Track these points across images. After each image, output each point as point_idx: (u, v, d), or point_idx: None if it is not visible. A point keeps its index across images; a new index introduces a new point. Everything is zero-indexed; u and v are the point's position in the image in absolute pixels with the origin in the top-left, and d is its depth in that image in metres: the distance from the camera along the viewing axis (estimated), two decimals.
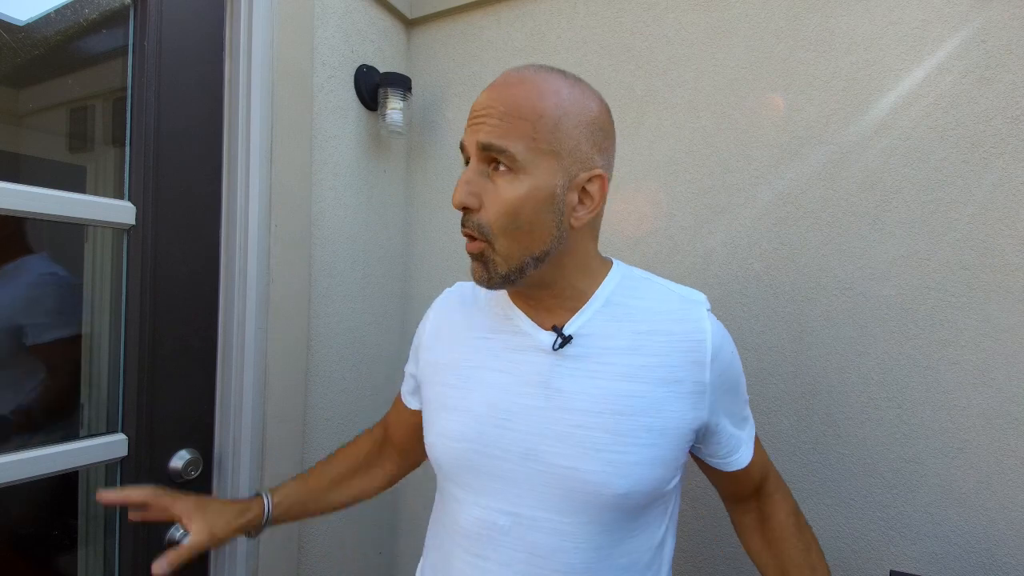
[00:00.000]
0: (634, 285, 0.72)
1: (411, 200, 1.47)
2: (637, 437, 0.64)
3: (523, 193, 0.62)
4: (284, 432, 1.12)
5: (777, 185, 1.04)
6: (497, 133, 0.62)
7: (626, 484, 0.63)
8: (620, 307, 0.70)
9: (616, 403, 0.65)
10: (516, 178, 0.63)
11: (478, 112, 0.65)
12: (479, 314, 0.76)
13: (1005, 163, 0.89)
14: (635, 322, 0.68)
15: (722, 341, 0.69)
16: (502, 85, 0.65)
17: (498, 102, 0.63)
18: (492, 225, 0.63)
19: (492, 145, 0.62)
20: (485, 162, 0.64)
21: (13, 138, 0.89)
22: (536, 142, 0.62)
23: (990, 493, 0.89)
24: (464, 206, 0.64)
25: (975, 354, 0.90)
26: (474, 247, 0.65)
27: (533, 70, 0.66)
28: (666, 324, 0.68)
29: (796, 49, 1.03)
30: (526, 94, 0.63)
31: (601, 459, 0.64)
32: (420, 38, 1.46)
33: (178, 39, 0.97)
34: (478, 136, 0.63)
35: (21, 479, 0.81)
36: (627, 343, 0.67)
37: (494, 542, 0.66)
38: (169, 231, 0.97)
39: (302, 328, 1.15)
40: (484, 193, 0.64)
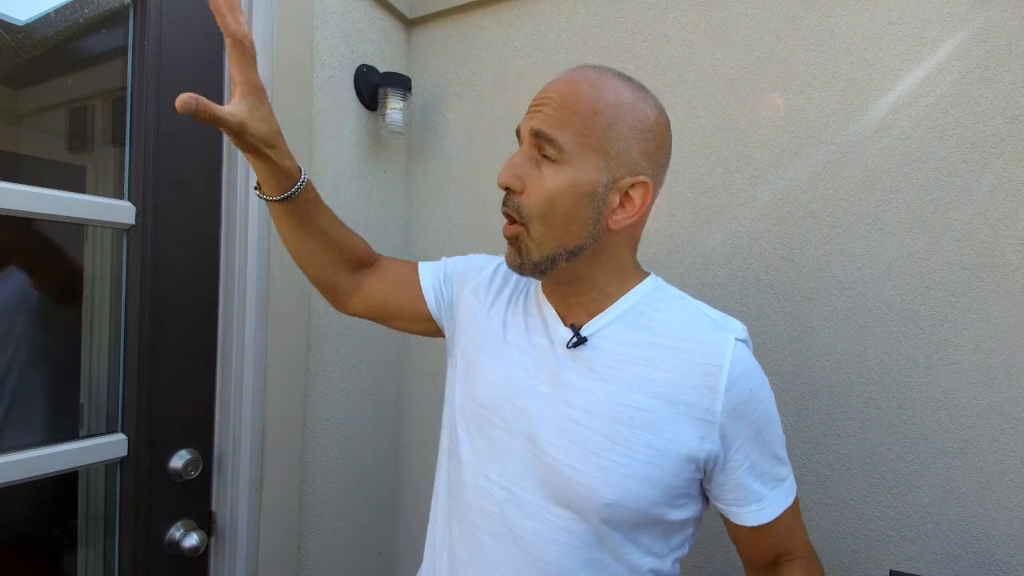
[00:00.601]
0: (665, 299, 0.71)
1: (411, 200, 1.47)
2: (633, 450, 0.63)
3: (564, 184, 0.64)
4: (284, 432, 1.12)
5: (777, 185, 1.04)
6: (550, 122, 0.64)
7: (613, 494, 0.62)
8: (643, 317, 0.69)
9: (618, 411, 0.64)
10: (560, 168, 0.64)
11: (537, 101, 0.67)
12: (513, 290, 0.80)
13: (1005, 163, 0.89)
14: (655, 335, 0.67)
15: (744, 372, 0.65)
16: (566, 80, 0.68)
17: (557, 94, 0.66)
18: (530, 209, 0.65)
19: (542, 132, 0.64)
20: (535, 148, 0.66)
21: (13, 138, 0.89)
22: (586, 137, 0.64)
23: (990, 493, 0.89)
24: (507, 186, 0.66)
25: (975, 354, 0.90)
26: (511, 230, 0.67)
27: (600, 70, 0.69)
28: (686, 343, 0.66)
29: (796, 49, 1.03)
30: (586, 90, 0.66)
31: (591, 462, 0.63)
32: (420, 38, 1.46)
33: (178, 39, 0.96)
34: (532, 122, 0.66)
35: (21, 479, 0.81)
36: (641, 354, 0.66)
37: (488, 513, 0.69)
38: (169, 231, 0.96)
39: (302, 328, 1.15)
40: (528, 177, 0.65)
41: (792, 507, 0.69)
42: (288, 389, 1.12)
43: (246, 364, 1.05)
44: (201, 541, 0.99)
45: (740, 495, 0.67)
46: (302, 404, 1.16)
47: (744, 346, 0.67)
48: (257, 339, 1.06)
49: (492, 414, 0.71)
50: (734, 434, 0.64)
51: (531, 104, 0.68)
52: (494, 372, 0.73)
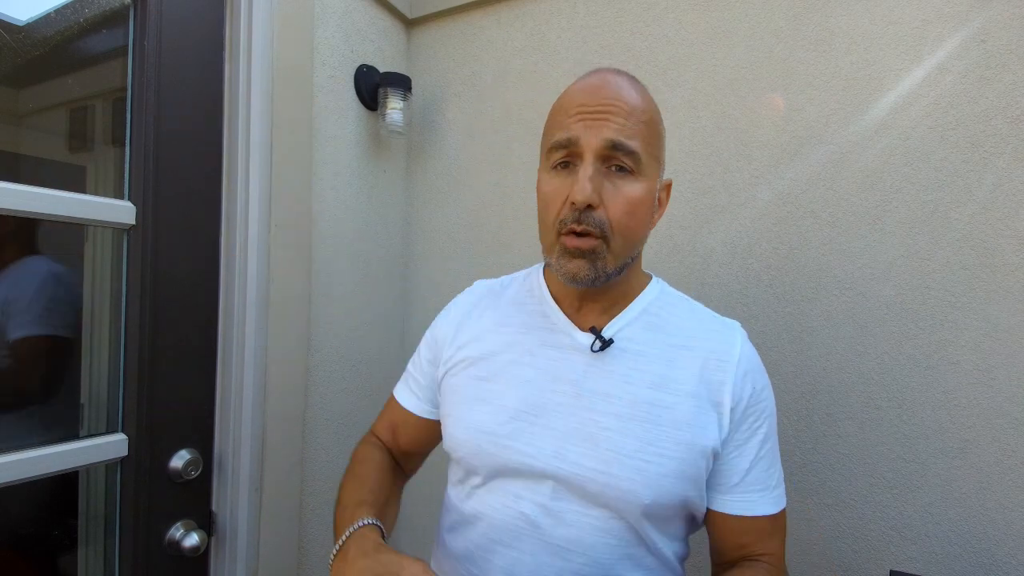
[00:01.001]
0: (671, 301, 0.74)
1: (411, 200, 1.47)
2: (665, 448, 0.64)
3: (640, 195, 0.64)
4: (284, 432, 1.12)
5: (777, 185, 1.04)
6: (626, 133, 0.63)
7: (651, 494, 0.63)
8: (656, 318, 0.71)
9: (645, 411, 0.65)
10: (635, 179, 0.64)
11: (594, 108, 0.63)
12: (512, 310, 0.77)
13: (1005, 163, 0.89)
14: (669, 335, 0.70)
15: (751, 369, 0.69)
16: (611, 85, 0.65)
17: (618, 101, 0.64)
18: (615, 223, 0.63)
19: (623, 145, 0.62)
20: (603, 160, 0.64)
21: (13, 138, 0.89)
22: (649, 146, 0.65)
23: (990, 493, 0.89)
24: (589, 204, 0.62)
25: (975, 354, 0.90)
26: (587, 243, 0.64)
27: (624, 74, 0.69)
28: (698, 341, 0.69)
29: (796, 49, 1.03)
30: (638, 97, 0.66)
31: (628, 465, 0.64)
32: (420, 38, 1.46)
33: (178, 39, 0.96)
34: (604, 133, 0.62)
35: (21, 479, 0.81)
36: (660, 353, 0.68)
37: (521, 532, 0.67)
38: (169, 231, 0.96)
39: (302, 328, 1.15)
40: (603, 191, 0.63)
41: (774, 517, 0.69)
42: (288, 389, 1.12)
43: (246, 364, 1.05)
44: (201, 541, 0.99)
45: (724, 481, 0.68)
46: (302, 404, 1.16)
47: (749, 344, 0.71)
48: (257, 339, 1.06)
49: (505, 438, 0.68)
50: (735, 424, 0.67)
51: (581, 110, 0.64)
52: (504, 398, 0.70)
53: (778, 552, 0.70)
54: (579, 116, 0.64)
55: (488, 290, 0.82)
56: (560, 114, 0.67)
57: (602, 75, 0.68)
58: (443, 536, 0.77)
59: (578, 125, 0.64)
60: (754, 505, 0.68)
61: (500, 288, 0.82)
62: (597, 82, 0.67)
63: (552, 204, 0.66)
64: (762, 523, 0.68)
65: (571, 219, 0.63)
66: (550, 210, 0.66)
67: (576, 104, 0.65)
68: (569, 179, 0.65)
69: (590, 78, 0.68)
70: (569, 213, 0.63)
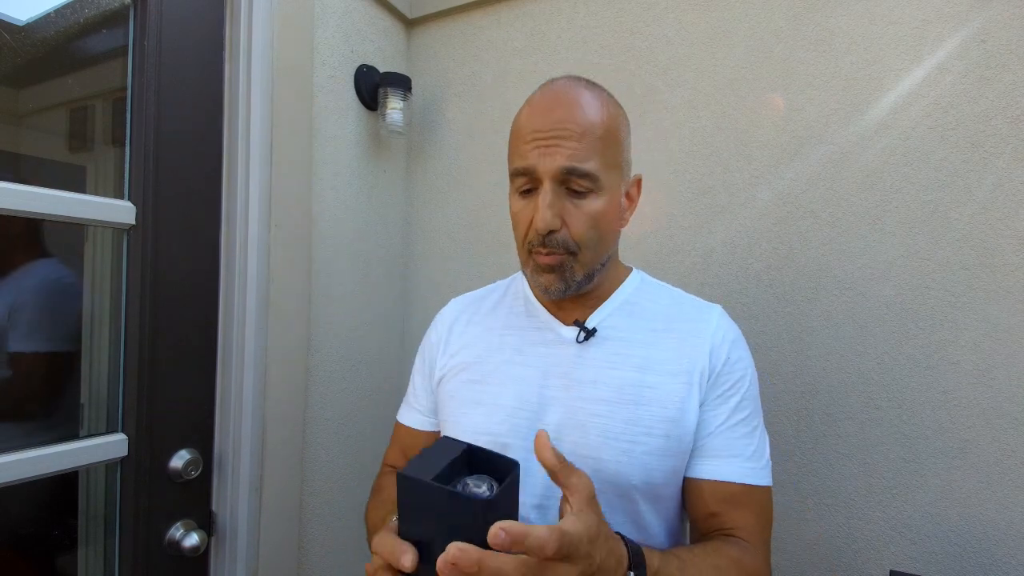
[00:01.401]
0: (652, 290, 0.77)
1: (411, 200, 1.47)
2: (652, 427, 0.67)
3: (602, 208, 0.67)
4: (284, 432, 1.12)
5: (777, 185, 1.04)
6: (578, 157, 0.64)
7: (639, 474, 0.66)
8: (637, 306, 0.74)
9: (631, 392, 0.68)
10: (595, 196, 0.67)
11: (546, 134, 0.65)
12: (497, 314, 0.80)
13: (1005, 163, 0.89)
14: (650, 320, 0.73)
15: (726, 339, 0.71)
16: (563, 104, 0.67)
17: (568, 123, 0.65)
18: (579, 240, 0.66)
19: (576, 169, 0.64)
20: (560, 183, 0.66)
21: (13, 138, 0.89)
22: (605, 158, 0.67)
23: (990, 493, 0.89)
24: (550, 229, 0.65)
25: (975, 354, 0.90)
26: (555, 259, 0.67)
27: (577, 85, 0.69)
28: (679, 323, 0.73)
29: (796, 49, 1.03)
30: (590, 112, 0.66)
31: (615, 447, 0.66)
32: (420, 38, 1.46)
33: (178, 39, 0.96)
34: (557, 161, 0.64)
35: (21, 479, 0.81)
36: (643, 338, 0.71)
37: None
38: (169, 231, 0.96)
39: (302, 328, 1.15)
40: (564, 212, 0.66)
41: (748, 489, 0.67)
42: (288, 389, 1.12)
43: (246, 364, 1.05)
44: (201, 541, 0.99)
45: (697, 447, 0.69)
46: (302, 404, 1.16)
47: (728, 319, 0.74)
48: (257, 339, 1.06)
49: (503, 436, 0.70)
50: (708, 390, 0.69)
51: (532, 137, 0.66)
52: (499, 398, 0.72)
53: (753, 530, 0.67)
54: (534, 144, 0.66)
55: (468, 302, 0.85)
56: (517, 140, 0.69)
57: (554, 92, 0.68)
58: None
59: (533, 153, 0.66)
60: (721, 470, 0.67)
61: (480, 298, 0.85)
62: (549, 102, 0.68)
63: (520, 225, 0.69)
64: (733, 491, 0.67)
65: (537, 242, 0.67)
66: (519, 230, 0.70)
67: (530, 129, 0.67)
68: (532, 203, 0.67)
69: (544, 96, 0.69)
70: (535, 236, 0.67)
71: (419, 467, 0.48)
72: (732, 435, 0.69)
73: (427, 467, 0.48)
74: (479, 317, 0.81)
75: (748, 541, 0.67)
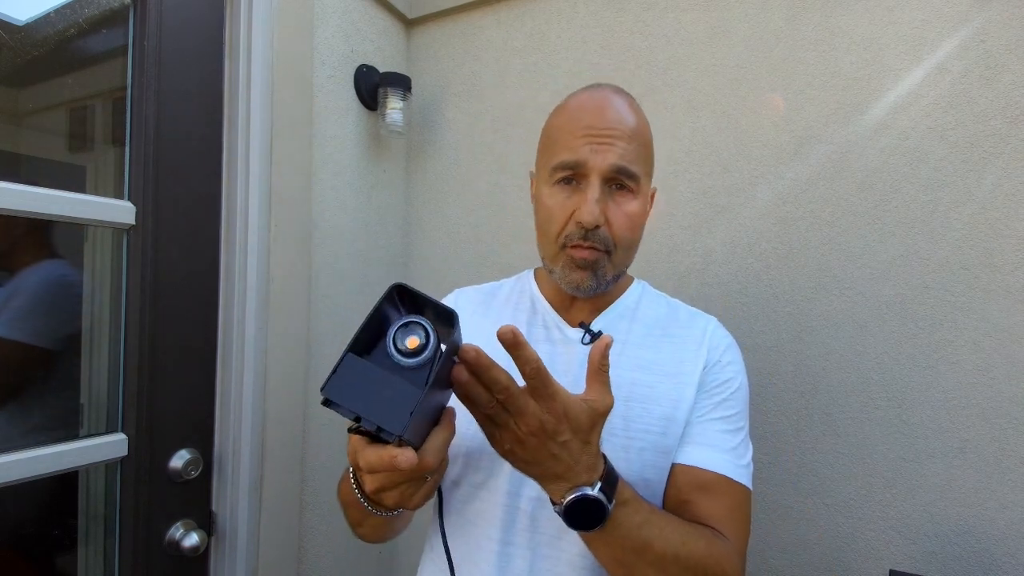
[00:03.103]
0: (652, 299, 0.80)
1: (411, 200, 1.47)
2: (649, 424, 0.68)
3: (638, 210, 0.70)
4: (284, 432, 1.12)
5: (777, 185, 1.04)
6: (629, 157, 0.68)
7: (636, 470, 0.66)
8: (637, 312, 0.77)
9: (628, 390, 0.69)
10: (634, 197, 0.70)
11: (600, 131, 0.67)
12: (506, 311, 0.81)
13: (1005, 163, 0.89)
14: (650, 327, 0.75)
15: (720, 344, 0.73)
16: (615, 106, 0.69)
17: (621, 124, 0.68)
18: (618, 238, 0.69)
19: (625, 169, 0.67)
20: (607, 181, 0.68)
21: (13, 138, 0.89)
22: (646, 165, 0.71)
23: (990, 493, 0.89)
24: (597, 225, 0.67)
25: (975, 354, 0.90)
26: (593, 255, 0.68)
27: (624, 93, 0.72)
28: (675, 329, 0.75)
29: (796, 49, 1.03)
30: (636, 118, 0.70)
31: (615, 444, 0.67)
32: (420, 38, 1.46)
33: (178, 39, 0.96)
34: (610, 159, 0.67)
35: (21, 479, 0.81)
36: (642, 341, 0.74)
37: (518, 526, 0.68)
38: (169, 231, 0.96)
39: (302, 328, 1.15)
40: (607, 210, 0.68)
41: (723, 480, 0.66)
42: (288, 389, 1.12)
43: (246, 364, 1.05)
44: (201, 541, 0.99)
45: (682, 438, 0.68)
46: (302, 404, 1.16)
47: (724, 329, 0.76)
48: (257, 339, 1.06)
49: None
50: (698, 387, 0.70)
51: (585, 132, 0.67)
52: None
53: (726, 523, 0.64)
54: (586, 139, 0.67)
55: (475, 294, 0.86)
56: (565, 133, 0.70)
57: (604, 94, 0.71)
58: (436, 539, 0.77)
59: (585, 148, 0.67)
60: (697, 455, 0.66)
61: (488, 292, 0.85)
62: (601, 102, 0.70)
63: (556, 219, 0.69)
64: (707, 478, 0.65)
65: (577, 236, 0.68)
66: (553, 223, 0.70)
67: (582, 125, 0.68)
68: (574, 197, 0.69)
69: (594, 96, 0.71)
70: (575, 230, 0.68)
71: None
72: (713, 427, 0.69)
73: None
74: (488, 311, 0.82)
75: (726, 538, 0.64)
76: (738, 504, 0.67)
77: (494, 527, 0.69)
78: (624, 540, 0.56)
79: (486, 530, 0.70)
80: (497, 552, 0.69)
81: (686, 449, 0.68)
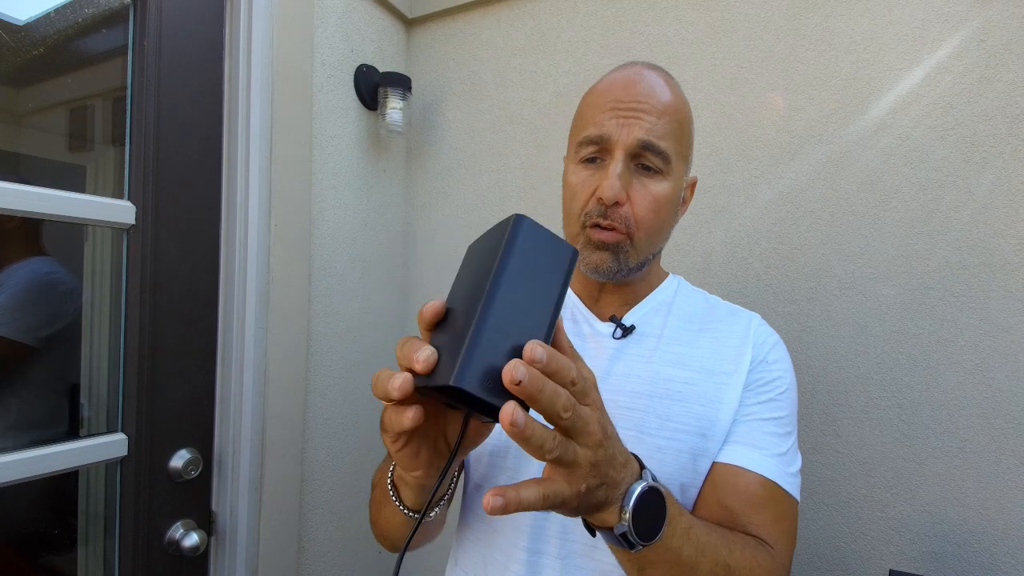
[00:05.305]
0: (689, 294, 0.75)
1: (411, 200, 1.47)
2: (686, 423, 0.63)
3: (666, 193, 0.65)
4: (284, 432, 1.12)
5: (777, 185, 1.04)
6: (657, 133, 0.63)
7: (672, 473, 0.62)
8: (674, 306, 0.73)
9: (664, 387, 0.65)
10: (662, 178, 0.65)
11: (627, 104, 0.63)
12: None
13: (1005, 163, 0.89)
14: (686, 322, 0.71)
15: (766, 341, 0.69)
16: (646, 81, 0.65)
17: (650, 98, 0.64)
18: (640, 220, 0.65)
19: (653, 145, 0.63)
20: (632, 157, 0.64)
21: (13, 138, 0.89)
22: (679, 145, 0.66)
23: (990, 493, 0.89)
24: (616, 201, 0.63)
25: (975, 354, 0.90)
26: (612, 237, 0.65)
27: (659, 69, 0.68)
28: (715, 324, 0.70)
29: (796, 48, 1.03)
30: (670, 94, 0.65)
31: (650, 445, 0.63)
32: (420, 38, 1.46)
33: (178, 39, 0.96)
34: (636, 132, 0.63)
35: (21, 479, 0.81)
36: (678, 336, 0.69)
37: (548, 534, 0.64)
38: (169, 231, 0.96)
39: (302, 328, 1.15)
40: (631, 188, 0.64)
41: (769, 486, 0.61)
42: (288, 389, 1.12)
43: (246, 364, 1.05)
44: (201, 541, 0.99)
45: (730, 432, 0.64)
46: (302, 404, 1.16)
47: (768, 325, 0.72)
48: (257, 339, 1.06)
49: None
50: (744, 387, 0.65)
51: (611, 106, 0.64)
52: None
53: (772, 536, 0.59)
54: (612, 112, 0.64)
55: None
56: (592, 108, 0.67)
57: (637, 69, 0.67)
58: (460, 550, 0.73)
59: (611, 122, 0.64)
60: (741, 454, 0.61)
61: None
62: (632, 76, 0.66)
63: (579, 196, 0.66)
64: (751, 482, 0.60)
65: (596, 213, 0.65)
66: (576, 201, 0.67)
67: (610, 99, 0.65)
68: (598, 174, 0.65)
69: (625, 71, 0.68)
70: (595, 207, 0.65)
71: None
72: (760, 428, 0.64)
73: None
74: None
75: (771, 547, 0.59)
76: (784, 514, 0.62)
77: (522, 535, 0.65)
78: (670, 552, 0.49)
79: (513, 538, 0.66)
80: (526, 562, 0.65)
81: (729, 448, 0.63)
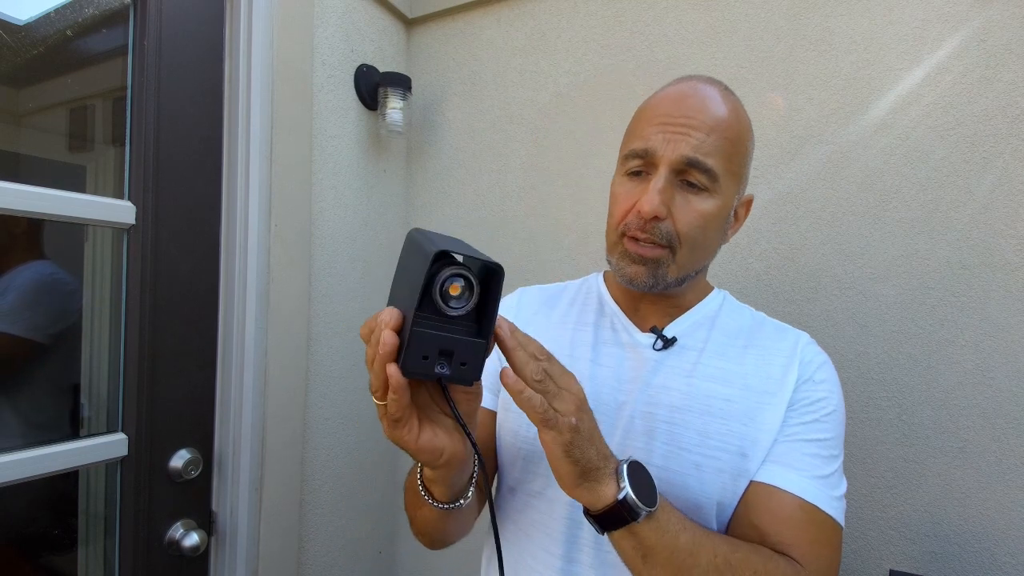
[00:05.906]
0: (734, 309, 0.74)
1: (411, 200, 1.47)
2: (726, 441, 0.62)
3: (712, 210, 0.64)
4: (284, 432, 1.12)
5: (777, 185, 1.04)
6: (704, 150, 0.62)
7: (710, 492, 0.61)
8: (716, 321, 0.71)
9: (705, 403, 0.64)
10: (708, 196, 0.64)
11: (675, 120, 0.63)
12: (572, 311, 0.76)
13: (1005, 163, 0.89)
14: (731, 337, 0.69)
15: (813, 360, 0.66)
16: (698, 95, 0.64)
17: (700, 114, 0.63)
18: (682, 236, 0.63)
19: (699, 163, 0.62)
20: (677, 173, 0.63)
21: (13, 138, 0.89)
22: (730, 163, 0.64)
23: (990, 493, 0.89)
24: (656, 215, 0.62)
25: (975, 354, 0.90)
26: (651, 252, 0.64)
27: (715, 83, 0.67)
28: (761, 340, 0.68)
29: (796, 48, 1.03)
30: (723, 110, 0.64)
31: (688, 461, 0.62)
32: (420, 37, 1.46)
33: (178, 39, 0.96)
34: (681, 149, 0.62)
35: (21, 479, 0.81)
36: (721, 351, 0.67)
37: (582, 542, 0.64)
38: (169, 231, 0.96)
39: (302, 328, 1.15)
40: (672, 203, 0.63)
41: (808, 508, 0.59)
42: (288, 389, 1.12)
43: (246, 364, 1.05)
44: (201, 541, 0.99)
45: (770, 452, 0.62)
46: (302, 404, 1.16)
47: (816, 345, 0.69)
48: (257, 339, 1.06)
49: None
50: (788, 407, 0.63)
51: (659, 121, 0.64)
52: None
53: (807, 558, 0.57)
54: (660, 127, 0.64)
55: (542, 292, 0.82)
56: (642, 122, 0.67)
57: (691, 84, 0.66)
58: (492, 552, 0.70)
59: (657, 136, 0.63)
60: (775, 475, 0.60)
61: (554, 294, 0.81)
62: (685, 91, 0.66)
63: (620, 207, 0.66)
64: (784, 504, 0.58)
65: (635, 225, 0.64)
66: (617, 212, 0.67)
67: (659, 113, 0.65)
68: (640, 187, 0.65)
69: (680, 85, 0.67)
70: (634, 219, 0.64)
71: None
72: (803, 449, 0.61)
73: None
74: (552, 311, 0.77)
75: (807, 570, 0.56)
76: (826, 539, 0.59)
77: (555, 541, 0.65)
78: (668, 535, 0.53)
79: (546, 544, 0.66)
80: (561, 569, 0.64)
81: (766, 468, 0.60)
